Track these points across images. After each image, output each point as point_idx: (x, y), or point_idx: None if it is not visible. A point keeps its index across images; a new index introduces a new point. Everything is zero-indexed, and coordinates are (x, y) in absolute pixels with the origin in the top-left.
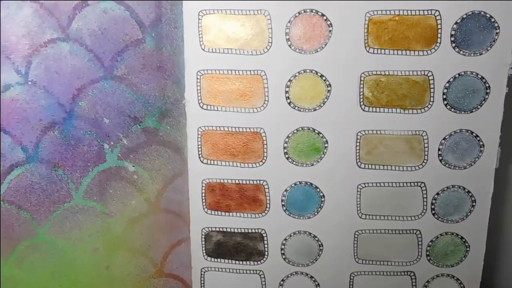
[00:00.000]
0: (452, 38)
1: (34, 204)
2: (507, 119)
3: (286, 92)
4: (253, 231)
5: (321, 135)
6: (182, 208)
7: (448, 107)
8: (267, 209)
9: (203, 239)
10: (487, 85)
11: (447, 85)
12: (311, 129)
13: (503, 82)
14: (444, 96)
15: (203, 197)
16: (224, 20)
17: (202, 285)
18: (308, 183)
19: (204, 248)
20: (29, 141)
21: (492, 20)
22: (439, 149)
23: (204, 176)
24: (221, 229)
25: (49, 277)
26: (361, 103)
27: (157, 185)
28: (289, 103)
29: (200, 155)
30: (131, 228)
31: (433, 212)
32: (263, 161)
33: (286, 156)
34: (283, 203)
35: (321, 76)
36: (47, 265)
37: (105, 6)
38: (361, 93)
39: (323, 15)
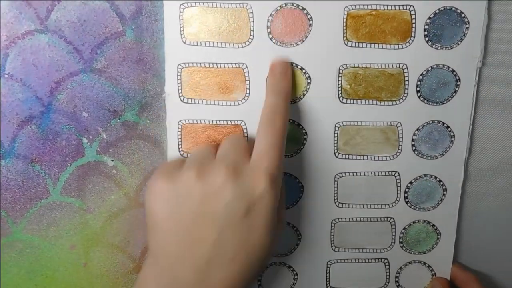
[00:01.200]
0: (426, 33)
1: (9, 202)
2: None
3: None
4: None
5: (300, 127)
6: None
7: (422, 99)
8: None
9: None
10: (457, 77)
11: (421, 77)
12: (291, 120)
13: (472, 75)
14: (418, 89)
15: None
16: (205, 13)
17: None
18: (288, 174)
19: None
20: (5, 136)
21: (463, 15)
22: (412, 140)
23: None
24: None
25: (24, 276)
26: (340, 95)
27: (136, 179)
28: None
29: (180, 149)
30: (110, 224)
31: (406, 200)
32: None
33: None
34: None
35: (301, 68)
36: (22, 265)
37: None
38: (340, 86)
39: (303, 9)
